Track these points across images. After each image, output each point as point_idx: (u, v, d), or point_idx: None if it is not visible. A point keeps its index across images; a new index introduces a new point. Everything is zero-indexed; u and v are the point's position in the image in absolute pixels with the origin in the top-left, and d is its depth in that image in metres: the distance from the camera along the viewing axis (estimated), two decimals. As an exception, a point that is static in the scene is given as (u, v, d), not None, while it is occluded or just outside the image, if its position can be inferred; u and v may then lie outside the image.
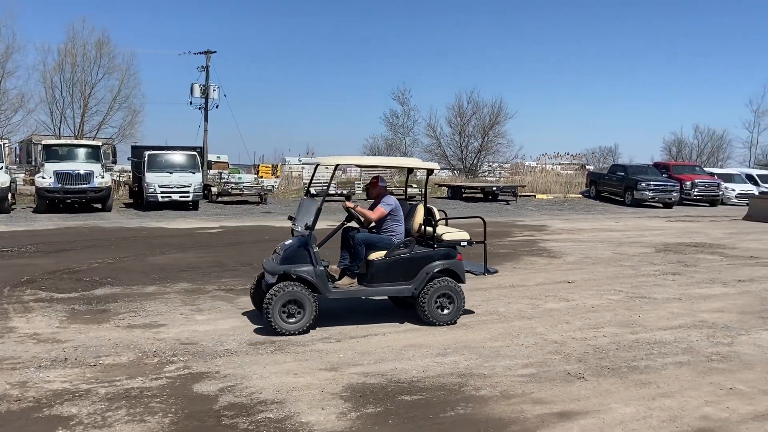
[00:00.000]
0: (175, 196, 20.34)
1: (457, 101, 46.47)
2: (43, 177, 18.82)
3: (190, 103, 33.92)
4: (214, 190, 24.37)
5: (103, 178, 19.32)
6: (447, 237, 6.83)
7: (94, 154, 20.37)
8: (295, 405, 4.44)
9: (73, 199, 19.27)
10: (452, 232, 6.98)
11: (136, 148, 24.34)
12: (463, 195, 28.00)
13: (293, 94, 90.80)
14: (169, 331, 6.28)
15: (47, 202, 18.88)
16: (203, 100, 33.43)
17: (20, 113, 36.60)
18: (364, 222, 6.92)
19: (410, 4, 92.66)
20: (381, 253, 6.55)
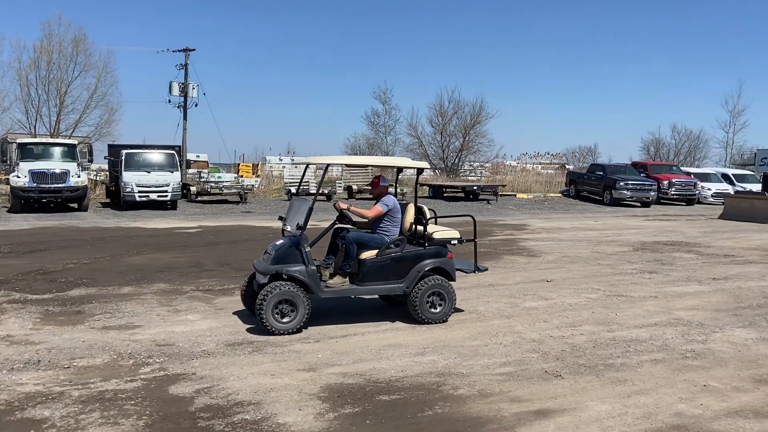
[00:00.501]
0: (153, 196, 20.11)
1: (438, 101, 46.67)
2: (18, 176, 18.51)
3: (169, 102, 33.60)
4: (193, 189, 24.14)
5: (79, 177, 19.06)
6: (437, 235, 6.86)
7: (70, 153, 20.07)
8: (273, 406, 4.41)
9: (49, 198, 18.97)
10: (443, 230, 7.01)
11: (113, 147, 24.02)
12: (444, 194, 28.09)
13: (274, 93, 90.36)
14: (145, 333, 6.20)
15: (22, 202, 18.59)
16: (182, 99, 33.14)
17: (-5, 111, 35.96)
18: (361, 221, 6.93)
19: (392, 3, 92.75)
20: (372, 252, 6.56)
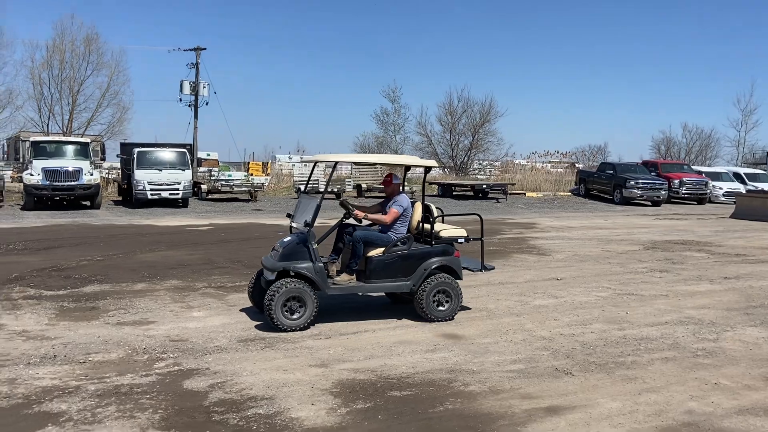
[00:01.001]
0: (165, 194, 20.25)
1: (447, 99, 46.64)
2: (32, 174, 18.68)
3: (180, 100, 33.80)
4: (204, 187, 24.28)
5: (91, 175, 19.21)
6: (444, 234, 6.89)
7: (83, 151, 20.24)
8: (285, 401, 4.46)
9: (62, 196, 19.14)
10: (450, 229, 7.04)
11: (125, 145, 24.19)
12: (454, 193, 28.06)
13: (284, 92, 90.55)
14: (158, 328, 6.28)
15: (35, 200, 18.75)
16: (193, 97, 33.31)
17: (8, 110, 36.31)
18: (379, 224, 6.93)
19: (402, 2, 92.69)
20: (379, 250, 6.61)
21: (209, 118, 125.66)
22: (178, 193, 20.50)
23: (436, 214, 7.00)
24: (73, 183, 18.71)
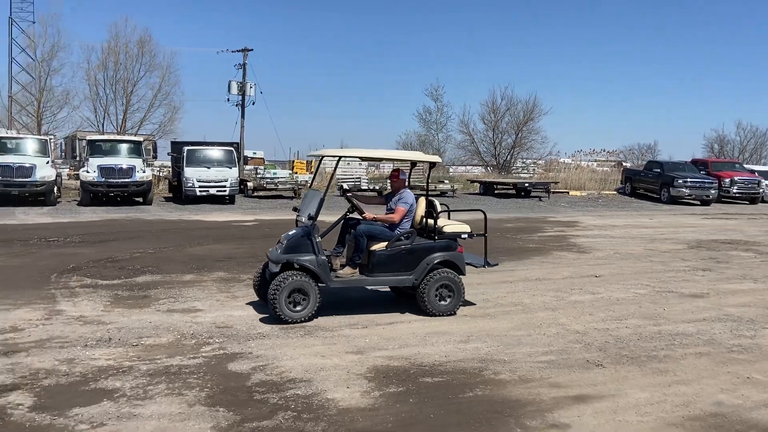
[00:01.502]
0: (213, 191, 20.88)
1: (490, 97, 46.49)
2: (88, 171, 19.57)
3: (228, 100, 34.64)
4: (250, 185, 24.88)
5: (144, 172, 19.98)
6: (448, 229, 6.93)
7: (136, 149, 21.07)
8: (322, 383, 4.70)
9: (116, 192, 19.95)
10: (453, 224, 7.08)
11: (176, 144, 25.03)
12: (495, 191, 27.97)
13: (328, 91, 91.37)
14: (205, 316, 6.62)
15: (91, 196, 19.60)
16: (240, 97, 34.11)
17: (65, 110, 38.18)
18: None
19: (446, 2, 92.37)
20: (382, 244, 6.69)
21: (256, 117, 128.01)
22: (225, 190, 21.12)
23: (439, 210, 7.05)
24: (126, 180, 19.50)
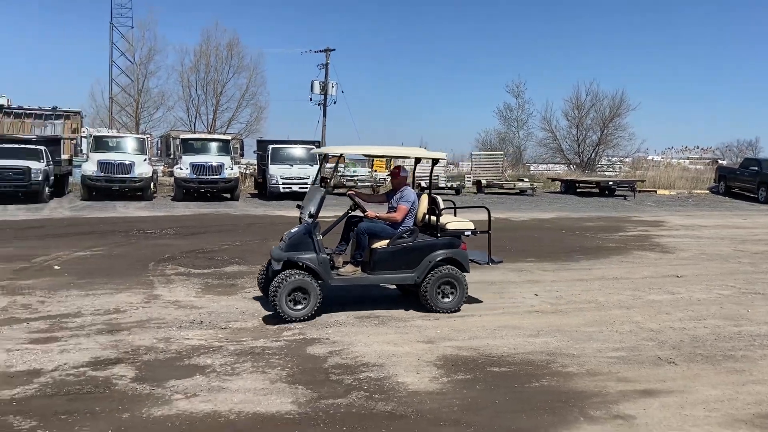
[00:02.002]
0: (295, 187, 21.63)
1: (574, 93, 45.22)
2: (181, 168, 20.83)
3: (310, 100, 35.80)
4: (330, 182, 25.56)
5: (232, 170, 21.04)
6: (451, 226, 6.87)
7: (225, 147, 22.21)
8: (393, 368, 4.96)
9: (206, 188, 21.12)
10: (457, 221, 7.03)
11: (261, 142, 26.13)
12: (577, 190, 27.33)
13: (408, 89, 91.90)
14: (287, 304, 7.04)
15: (184, 191, 20.84)
16: (322, 97, 35.10)
17: (161, 110, 40.66)
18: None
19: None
20: (384, 242, 6.67)
21: (337, 115, 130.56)
22: (307, 187, 21.84)
23: (442, 207, 7.03)
24: (216, 177, 20.59)
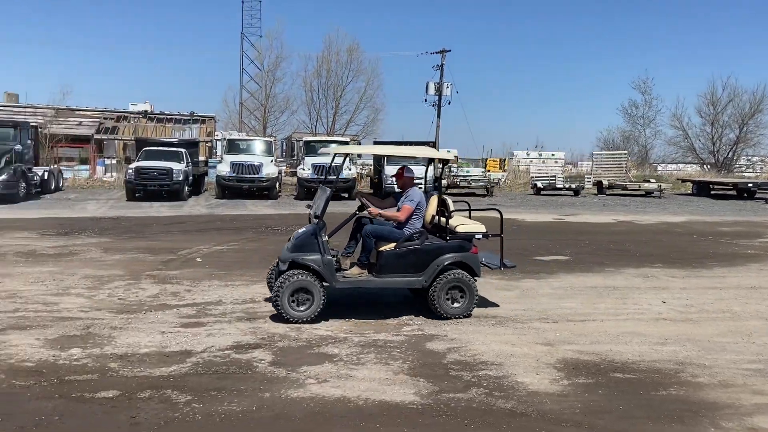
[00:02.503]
0: (410, 188, 22.02)
1: (709, 88, 42.23)
2: (303, 169, 21.90)
3: (425, 101, 36.16)
4: (444, 182, 25.73)
5: (350, 170, 21.87)
6: (461, 229, 6.64)
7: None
8: (512, 368, 5.02)
9: (330, 188, 21.99)
10: (468, 224, 6.76)
11: (378, 144, 26.84)
12: (711, 191, 25.52)
13: (525, 87, 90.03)
14: (407, 302, 7.28)
15: (305, 191, 21.90)
16: (437, 97, 35.33)
17: (285, 114, 42.90)
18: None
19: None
20: (391, 245, 6.50)
21: (451, 116, 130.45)
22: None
23: (452, 208, 6.76)
24: (332, 177, 21.35)
